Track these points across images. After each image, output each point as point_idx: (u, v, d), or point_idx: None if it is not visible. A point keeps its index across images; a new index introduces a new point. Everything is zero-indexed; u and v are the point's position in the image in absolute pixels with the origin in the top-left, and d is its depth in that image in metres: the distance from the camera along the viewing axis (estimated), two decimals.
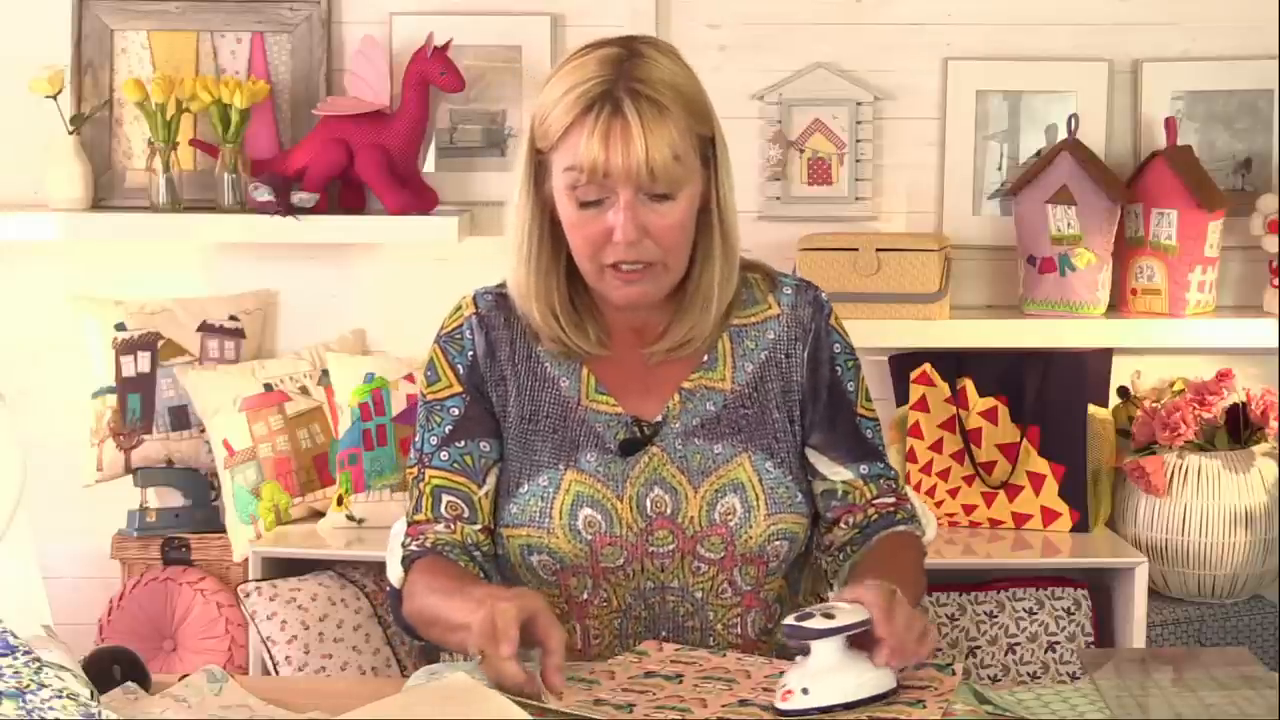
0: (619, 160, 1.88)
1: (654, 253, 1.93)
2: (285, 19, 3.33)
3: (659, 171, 1.89)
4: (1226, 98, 3.33)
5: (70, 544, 3.31)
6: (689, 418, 2.01)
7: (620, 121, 1.89)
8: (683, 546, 1.98)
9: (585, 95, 1.90)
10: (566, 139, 1.91)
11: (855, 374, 2.09)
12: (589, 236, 1.93)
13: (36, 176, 3.28)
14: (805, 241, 3.21)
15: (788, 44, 3.33)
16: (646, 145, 1.88)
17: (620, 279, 1.94)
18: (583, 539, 1.97)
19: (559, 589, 1.99)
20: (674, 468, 1.99)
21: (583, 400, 2.02)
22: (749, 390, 2.03)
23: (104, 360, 3.30)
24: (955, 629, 3.10)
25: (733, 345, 2.05)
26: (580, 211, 1.93)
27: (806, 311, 2.07)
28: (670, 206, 1.93)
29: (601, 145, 1.88)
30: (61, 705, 1.51)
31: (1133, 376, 3.33)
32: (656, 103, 1.90)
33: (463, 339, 2.05)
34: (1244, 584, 3.18)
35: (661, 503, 1.98)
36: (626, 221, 1.90)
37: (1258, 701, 1.72)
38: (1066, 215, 3.19)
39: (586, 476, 1.98)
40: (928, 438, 3.22)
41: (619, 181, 1.90)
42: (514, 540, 2.00)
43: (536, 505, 1.98)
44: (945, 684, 1.74)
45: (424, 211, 3.24)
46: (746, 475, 1.99)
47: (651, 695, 1.72)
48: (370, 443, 3.17)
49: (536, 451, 2.00)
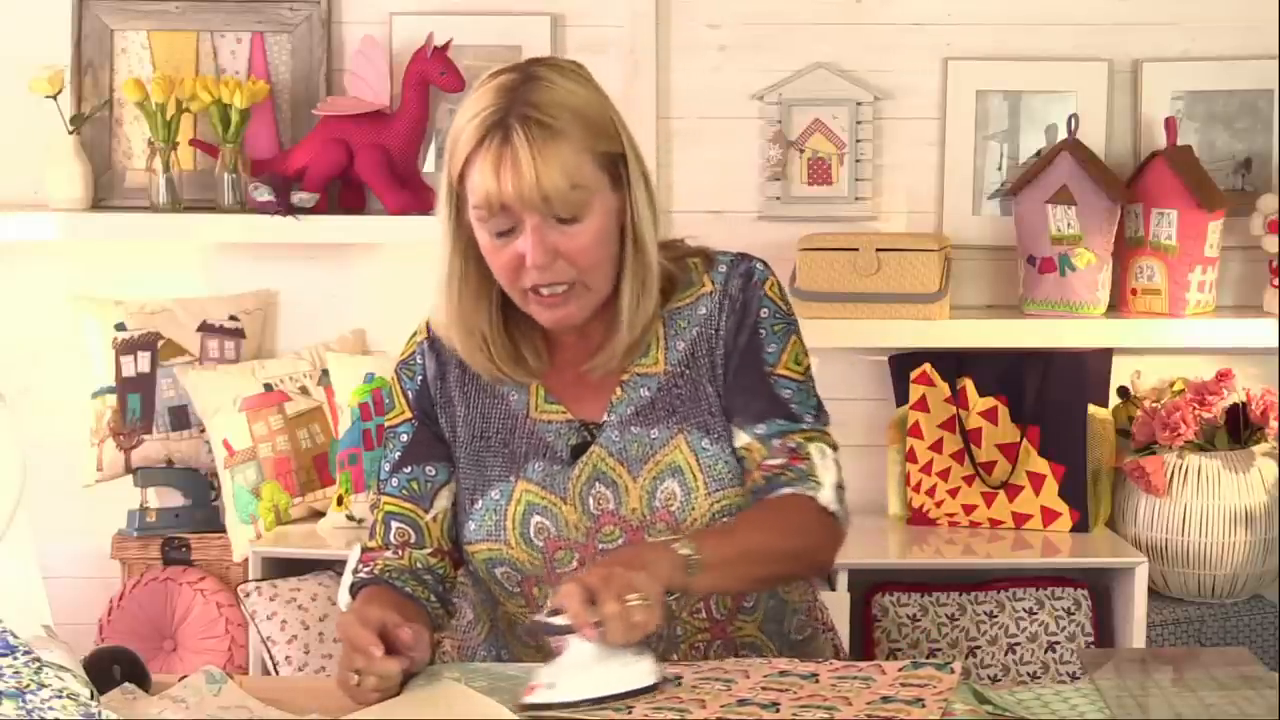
0: (509, 189, 1.86)
1: (569, 273, 1.92)
2: (285, 19, 3.33)
3: (554, 196, 1.87)
4: (1226, 98, 3.33)
5: (70, 544, 3.31)
6: (624, 408, 2.00)
7: (509, 150, 1.86)
8: (631, 538, 1.97)
9: (480, 125, 1.88)
10: (468, 170, 1.90)
11: (782, 336, 2.02)
12: (504, 264, 1.92)
13: (36, 176, 3.29)
14: (805, 241, 3.21)
15: (788, 44, 3.33)
16: (537, 171, 1.86)
17: (542, 303, 1.93)
18: (535, 547, 1.98)
19: (524, 599, 2.01)
20: (613, 460, 1.98)
21: (531, 413, 2.02)
22: (680, 369, 2.01)
23: (104, 360, 3.30)
24: (955, 629, 3.10)
25: (665, 329, 2.02)
26: (493, 240, 1.91)
27: (736, 284, 2.03)
28: (579, 228, 1.90)
29: (493, 175, 1.87)
30: (61, 705, 1.51)
31: (1133, 376, 3.33)
32: (548, 127, 1.87)
33: (414, 364, 2.07)
34: (1244, 584, 3.18)
35: (604, 498, 1.98)
36: (534, 247, 1.88)
37: (1258, 701, 1.72)
38: (1066, 215, 3.19)
39: (534, 485, 1.99)
40: (928, 438, 3.22)
41: (519, 209, 1.88)
42: (477, 556, 2.01)
43: (491, 519, 1.99)
44: (944, 683, 1.74)
45: (424, 211, 3.23)
46: (683, 456, 1.98)
47: (650, 697, 1.72)
48: (370, 443, 3.17)
49: (488, 467, 2.01)
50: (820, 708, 1.67)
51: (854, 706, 1.67)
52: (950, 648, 3.10)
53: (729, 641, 2.01)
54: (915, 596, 3.11)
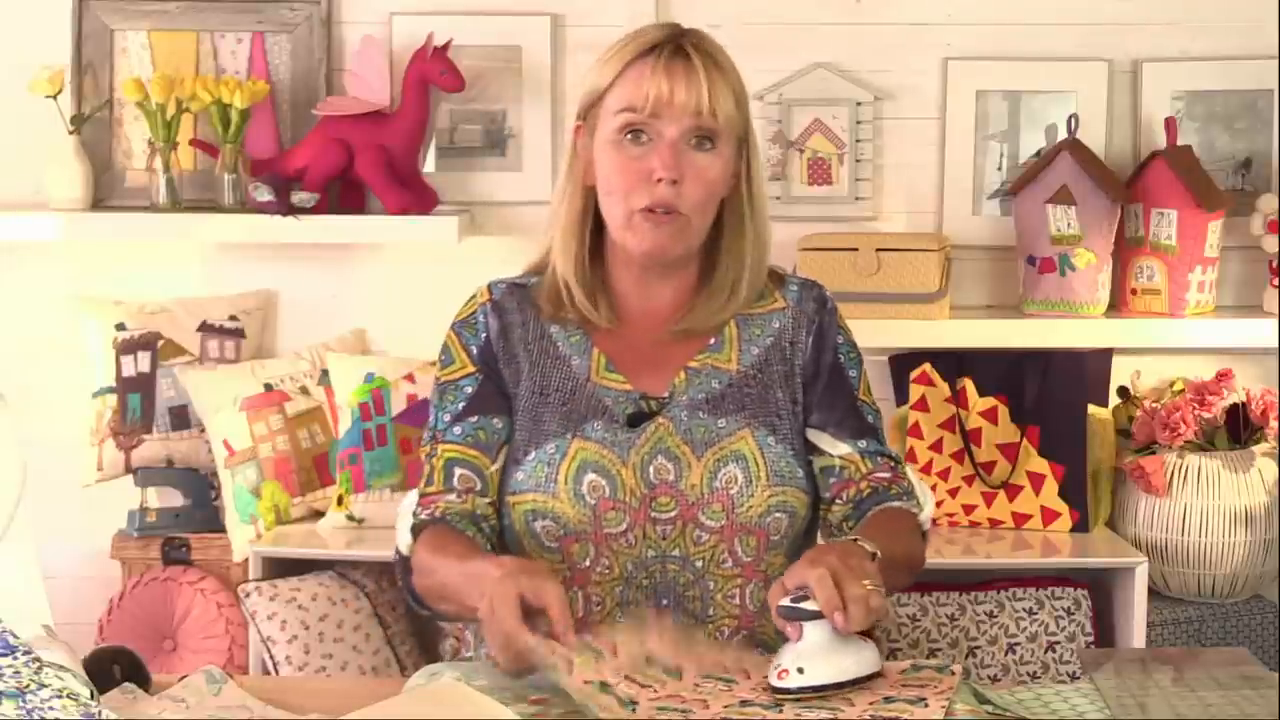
0: (681, 95, 1.96)
1: (685, 201, 1.99)
2: (285, 19, 3.33)
3: (718, 110, 1.97)
4: (1226, 98, 3.33)
5: (70, 544, 3.31)
6: (695, 393, 2.05)
7: (684, 62, 1.98)
8: (684, 514, 2.00)
9: (647, 41, 1.99)
10: (624, 77, 1.99)
11: (857, 365, 2.13)
12: (629, 175, 1.98)
13: (36, 176, 3.28)
14: (805, 241, 3.21)
15: (788, 44, 3.33)
16: (708, 83, 1.97)
17: (649, 222, 1.99)
18: (586, 503, 1.99)
19: (562, 556, 2.01)
20: (679, 438, 2.02)
21: (592, 377, 2.06)
22: (753, 372, 2.07)
23: (104, 360, 3.30)
24: (955, 629, 3.10)
25: (739, 330, 2.10)
26: (626, 150, 1.98)
27: (811, 306, 2.13)
28: (710, 158, 2.00)
29: (665, 78, 1.96)
30: (61, 705, 1.51)
31: (1132, 376, 3.33)
32: (714, 57, 2.01)
33: (476, 323, 2.10)
34: (1244, 584, 3.18)
35: (664, 470, 2.01)
36: (670, 156, 1.96)
37: (1258, 701, 1.72)
38: (1066, 215, 3.19)
39: (592, 444, 2.01)
40: (928, 438, 3.22)
41: (673, 118, 1.96)
42: (519, 507, 2.02)
43: (543, 471, 2.01)
44: (944, 683, 1.74)
45: (424, 211, 3.24)
46: (749, 448, 2.02)
47: (654, 691, 1.72)
48: (370, 443, 3.17)
49: (545, 423, 2.04)
50: (824, 708, 1.68)
51: (856, 708, 1.68)
52: (950, 648, 3.10)
53: (752, 634, 2.02)
54: (915, 596, 3.11)
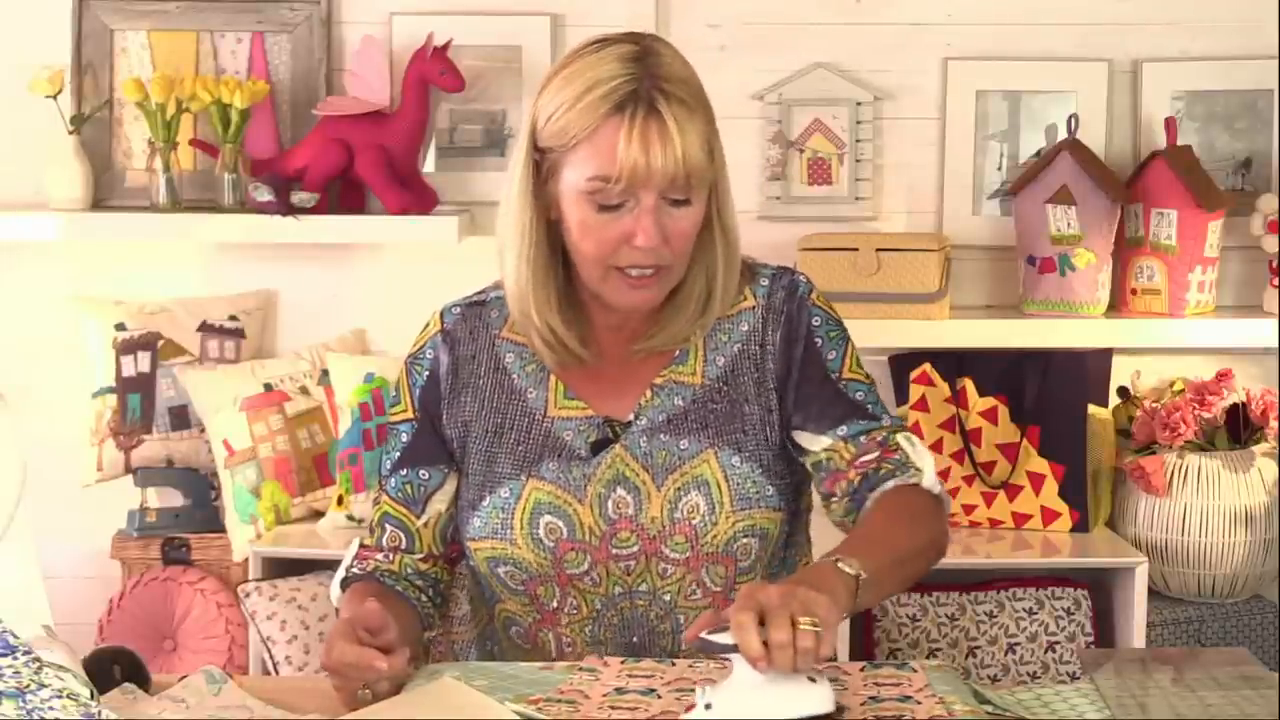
0: (659, 163, 1.83)
1: (667, 257, 1.89)
2: (285, 19, 3.33)
3: (694, 173, 1.86)
4: (1226, 98, 3.33)
5: (70, 544, 3.31)
6: (655, 414, 1.97)
7: (657, 123, 1.83)
8: (646, 548, 1.94)
9: (612, 95, 1.84)
10: (593, 141, 1.85)
11: (838, 344, 2.00)
12: (604, 240, 1.87)
13: (36, 176, 3.28)
14: (805, 241, 3.21)
15: (788, 44, 3.33)
16: (684, 146, 1.84)
17: (628, 283, 1.90)
18: (545, 547, 1.94)
19: (529, 598, 1.97)
20: (637, 465, 1.95)
21: (549, 410, 1.98)
22: (719, 384, 1.97)
23: (104, 360, 3.30)
24: (955, 629, 3.10)
25: (704, 340, 2.00)
26: (598, 215, 1.87)
27: (780, 297, 2.01)
28: (687, 211, 1.88)
29: (641, 148, 1.82)
30: (61, 705, 1.51)
31: (1132, 376, 3.33)
32: (685, 102, 1.86)
33: (423, 359, 2.04)
34: (1244, 584, 3.18)
35: (623, 503, 1.94)
36: (650, 226, 1.85)
37: (1258, 701, 1.72)
38: (1066, 215, 3.19)
39: (547, 484, 1.95)
40: (928, 438, 3.22)
41: (651, 186, 1.85)
42: (480, 553, 1.98)
43: (498, 518, 1.96)
44: (915, 680, 1.73)
45: (424, 211, 3.24)
46: (711, 472, 1.94)
47: (644, 711, 1.68)
48: (370, 443, 3.17)
49: (499, 464, 1.98)
50: None
51: (852, 710, 1.67)
52: (950, 648, 3.10)
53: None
54: (915, 596, 3.11)
